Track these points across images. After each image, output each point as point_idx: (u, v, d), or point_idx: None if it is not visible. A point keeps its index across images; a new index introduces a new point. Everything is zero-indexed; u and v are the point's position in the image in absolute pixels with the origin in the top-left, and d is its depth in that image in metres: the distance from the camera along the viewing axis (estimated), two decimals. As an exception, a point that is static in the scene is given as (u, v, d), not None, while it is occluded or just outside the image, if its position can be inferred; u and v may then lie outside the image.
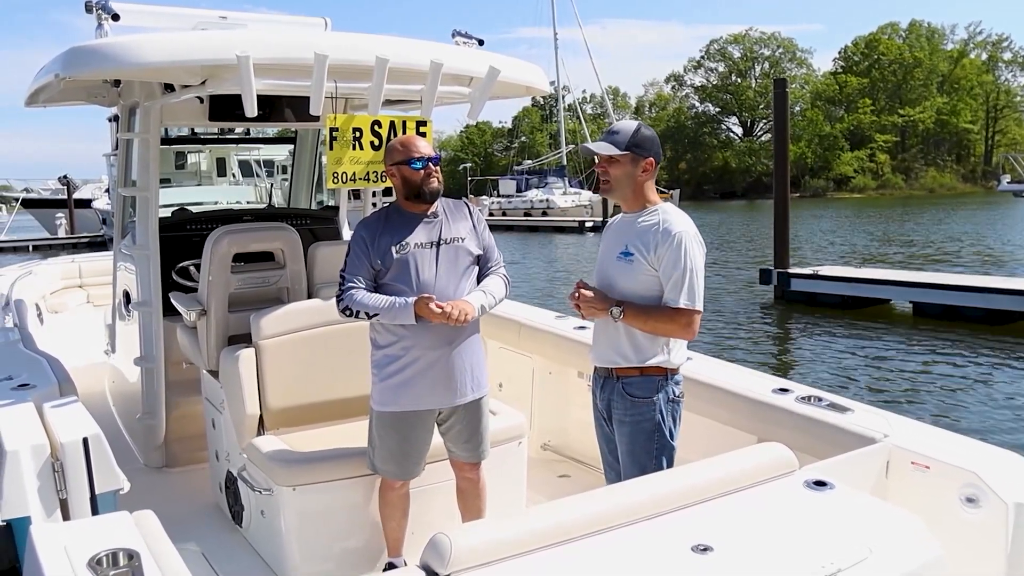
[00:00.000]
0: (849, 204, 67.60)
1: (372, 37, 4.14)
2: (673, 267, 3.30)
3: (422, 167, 3.57)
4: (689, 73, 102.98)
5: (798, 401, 3.99)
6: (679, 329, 3.33)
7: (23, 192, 48.36)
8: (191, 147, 30.76)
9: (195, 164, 33.80)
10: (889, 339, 13.01)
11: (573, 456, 5.47)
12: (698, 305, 3.33)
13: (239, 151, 33.81)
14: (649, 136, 3.41)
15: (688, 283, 3.30)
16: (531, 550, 2.49)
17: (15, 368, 4.24)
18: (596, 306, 3.38)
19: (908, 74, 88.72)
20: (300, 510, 3.82)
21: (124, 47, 3.74)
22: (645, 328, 3.34)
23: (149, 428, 5.23)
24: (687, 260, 3.30)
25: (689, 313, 3.30)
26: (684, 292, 3.29)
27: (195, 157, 33.72)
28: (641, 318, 3.33)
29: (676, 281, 3.30)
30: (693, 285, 3.31)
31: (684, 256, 3.30)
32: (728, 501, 2.86)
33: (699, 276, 3.34)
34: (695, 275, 3.32)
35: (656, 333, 3.34)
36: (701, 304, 3.35)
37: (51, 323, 7.67)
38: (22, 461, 3.19)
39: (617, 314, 3.32)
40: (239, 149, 33.40)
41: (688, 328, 3.33)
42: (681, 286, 3.30)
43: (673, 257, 3.30)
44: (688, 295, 3.30)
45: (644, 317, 3.33)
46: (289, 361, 4.18)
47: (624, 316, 3.32)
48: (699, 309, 3.34)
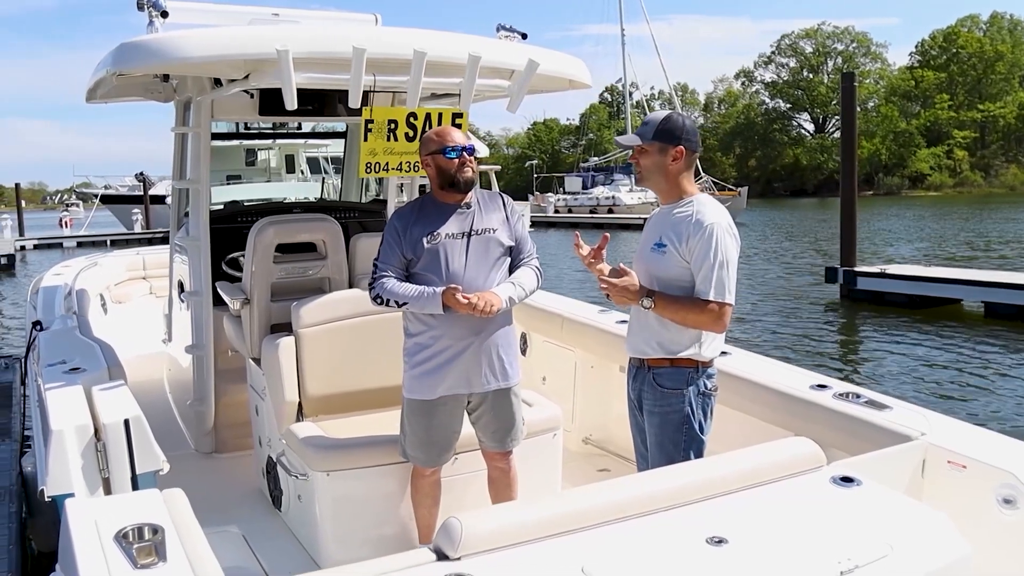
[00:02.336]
0: (925, 202, 65.82)
1: (411, 31, 4.19)
2: (704, 258, 3.27)
3: (456, 156, 3.60)
4: (759, 69, 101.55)
5: (835, 398, 3.92)
6: (709, 321, 3.29)
7: (103, 189, 49.86)
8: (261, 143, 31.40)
9: (265, 160, 34.48)
10: (958, 340, 12.63)
11: (614, 451, 5.46)
12: (728, 298, 3.28)
13: (307, 148, 34.43)
14: (678, 125, 3.37)
15: (718, 276, 3.26)
16: (543, 536, 2.51)
17: (69, 353, 4.41)
18: (626, 294, 3.34)
19: (989, 68, 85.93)
20: (334, 495, 3.89)
21: (168, 42, 3.85)
22: (676, 319, 3.30)
23: (199, 414, 5.37)
24: (718, 252, 3.25)
25: (719, 306, 3.26)
26: (714, 284, 3.26)
27: (265, 154, 34.42)
28: (672, 308, 3.29)
29: (706, 273, 3.27)
30: (723, 278, 3.27)
31: (715, 248, 3.26)
32: (750, 494, 2.84)
33: (730, 269, 3.29)
34: (726, 268, 3.27)
35: (687, 324, 3.31)
36: (732, 297, 3.31)
37: (115, 313, 7.92)
38: (67, 440, 3.33)
39: (648, 304, 3.30)
40: (307, 146, 34.00)
41: (718, 321, 3.28)
42: (711, 278, 3.26)
43: (704, 248, 3.26)
44: (718, 288, 3.26)
45: (675, 308, 3.29)
46: (328, 350, 4.26)
47: (655, 306, 3.30)
48: (729, 302, 3.29)
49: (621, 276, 3.36)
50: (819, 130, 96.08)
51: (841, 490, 2.87)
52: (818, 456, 3.06)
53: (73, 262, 8.62)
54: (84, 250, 35.56)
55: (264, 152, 34.17)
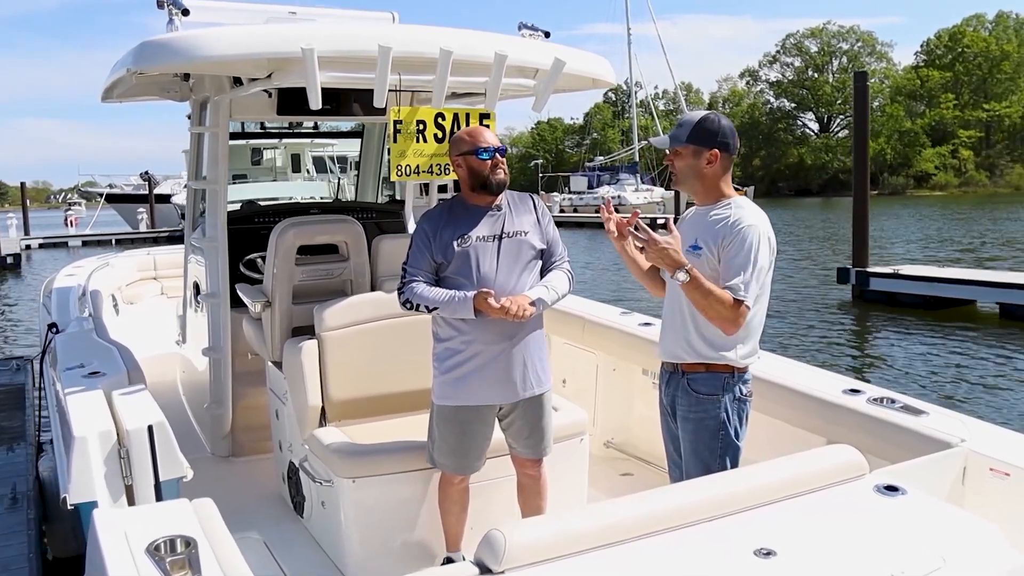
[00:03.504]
0: (930, 202, 65.60)
1: (436, 29, 4.13)
2: (735, 255, 3.15)
3: (489, 158, 3.52)
4: (764, 68, 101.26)
5: (870, 403, 3.85)
6: (727, 318, 3.12)
7: (107, 188, 49.85)
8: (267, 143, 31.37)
9: (271, 160, 34.47)
10: (973, 342, 12.53)
11: (636, 454, 5.39)
12: (748, 299, 3.13)
13: (313, 147, 34.40)
14: (714, 126, 3.28)
15: (746, 274, 3.13)
16: (587, 549, 2.44)
17: (87, 356, 4.34)
18: (665, 256, 3.11)
19: (994, 67, 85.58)
20: (359, 502, 3.82)
21: (191, 41, 3.79)
22: (700, 304, 3.13)
23: (216, 417, 5.30)
24: (752, 254, 3.15)
25: (744, 313, 3.14)
26: (741, 281, 3.12)
27: (271, 153, 34.40)
28: (702, 291, 3.11)
29: (736, 270, 3.14)
30: (750, 278, 3.14)
31: (750, 249, 3.15)
32: (794, 504, 2.76)
33: (759, 273, 3.17)
34: (756, 270, 3.15)
35: (706, 314, 3.15)
36: (752, 300, 3.16)
37: (126, 314, 7.86)
38: (89, 447, 3.26)
39: (683, 277, 3.09)
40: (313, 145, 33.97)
41: (735, 320, 3.13)
42: (740, 276, 3.13)
43: (737, 247, 3.16)
44: (745, 285, 3.12)
45: (705, 291, 3.10)
46: (351, 353, 4.19)
47: (689, 281, 3.10)
48: (748, 304, 3.14)
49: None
50: (824, 130, 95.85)
51: (886, 499, 2.79)
52: (861, 464, 2.98)
53: (85, 262, 8.57)
54: (89, 249, 35.56)
55: (270, 151, 34.17)
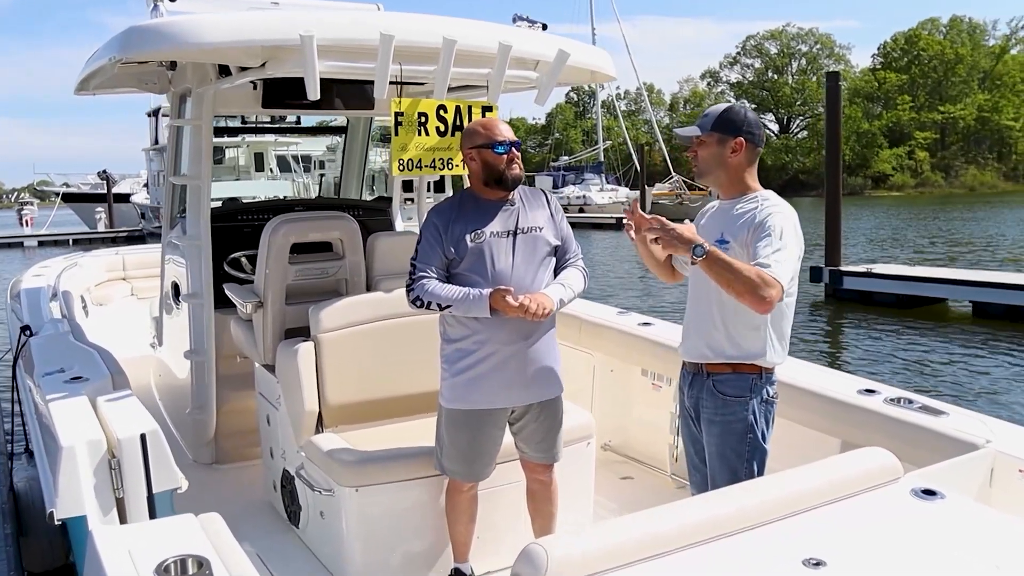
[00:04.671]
0: (887, 202, 66.58)
1: (438, 18, 3.97)
2: (766, 242, 2.98)
3: (505, 152, 3.37)
4: (725, 69, 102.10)
5: (887, 403, 3.76)
6: (756, 295, 2.87)
7: (63, 187, 48.82)
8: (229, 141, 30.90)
9: (233, 159, 34.00)
10: (950, 340, 12.61)
11: (635, 457, 5.27)
12: (784, 280, 2.93)
13: (277, 146, 33.99)
14: (739, 116, 3.17)
15: (779, 254, 2.95)
16: (633, 562, 2.29)
17: (66, 360, 4.11)
18: (680, 240, 2.97)
19: (949, 70, 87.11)
20: (363, 512, 3.65)
21: (184, 27, 3.60)
22: (722, 279, 2.93)
23: (199, 423, 5.09)
24: (783, 239, 2.99)
25: (775, 285, 2.89)
26: (774, 260, 2.93)
27: (233, 152, 33.91)
28: (721, 265, 2.91)
29: (766, 250, 2.96)
30: (783, 259, 2.96)
31: (780, 235, 2.99)
32: (834, 510, 2.65)
33: (791, 260, 3.01)
34: (787, 252, 2.99)
35: (732, 289, 2.93)
36: (787, 283, 2.96)
37: (96, 315, 7.58)
38: (78, 458, 3.04)
39: (701, 252, 2.92)
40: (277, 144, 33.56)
41: (765, 300, 2.88)
42: (771, 254, 2.94)
43: (767, 234, 3.00)
44: (776, 265, 2.93)
45: (725, 266, 2.91)
46: (349, 356, 4.01)
47: (706, 258, 2.93)
48: (783, 282, 2.93)
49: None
50: (783, 130, 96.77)
51: (924, 504, 2.69)
52: (895, 468, 2.87)
53: (52, 262, 8.28)
54: (46, 249, 34.83)
55: (232, 150, 33.69)
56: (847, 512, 2.65)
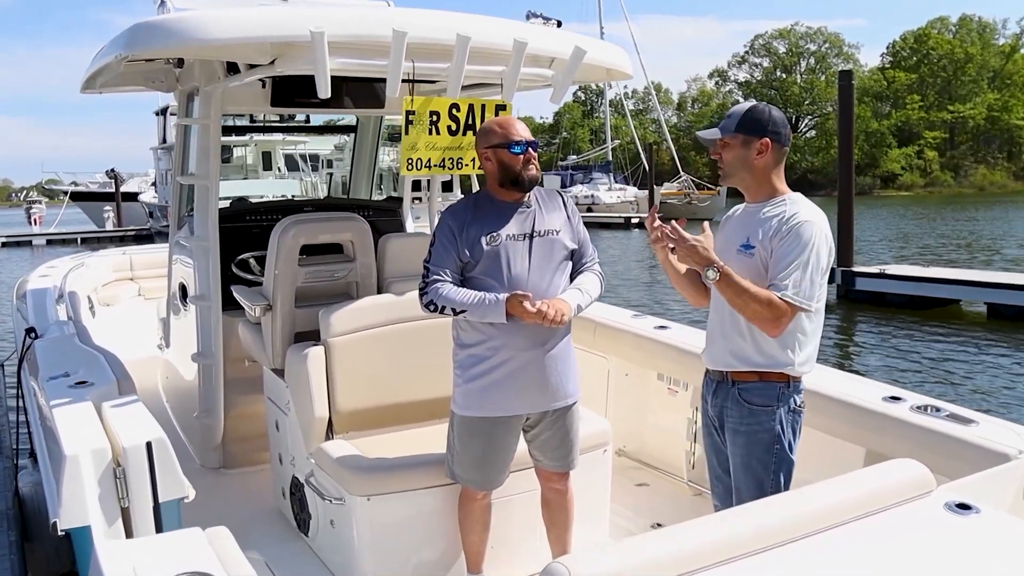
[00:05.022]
0: (896, 202, 66.29)
1: (452, 14, 3.87)
2: (788, 252, 2.91)
3: (522, 152, 3.27)
4: (733, 68, 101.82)
5: (914, 411, 3.65)
6: (769, 318, 2.86)
7: (71, 186, 48.88)
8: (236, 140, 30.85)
9: (241, 158, 33.97)
10: (964, 342, 12.46)
11: (650, 463, 5.17)
12: (804, 302, 2.88)
13: (285, 145, 33.95)
14: (764, 115, 3.06)
15: (799, 273, 2.88)
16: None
17: (71, 364, 4.02)
18: (694, 254, 2.93)
19: (958, 69, 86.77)
20: (374, 521, 3.56)
21: (191, 23, 3.50)
22: (735, 302, 2.90)
23: (206, 427, 5.00)
24: (808, 252, 2.90)
25: (787, 305, 2.86)
26: (791, 281, 2.87)
27: (241, 151, 33.89)
28: (735, 288, 2.88)
29: (786, 267, 2.89)
30: (803, 278, 2.89)
31: (806, 247, 2.90)
32: (866, 525, 2.54)
33: (815, 274, 2.93)
34: (813, 270, 2.91)
35: (743, 313, 2.91)
36: (809, 303, 2.91)
37: (103, 316, 7.51)
38: (82, 466, 2.95)
39: (712, 275, 2.89)
40: (285, 143, 33.51)
41: (777, 321, 2.87)
42: (790, 273, 2.88)
43: (792, 243, 2.91)
44: (795, 286, 2.87)
45: (739, 289, 2.88)
46: (361, 360, 3.91)
47: (719, 279, 2.89)
48: (799, 305, 2.88)
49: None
50: (792, 130, 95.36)
51: (959, 519, 2.58)
52: (928, 480, 2.76)
53: (58, 262, 8.20)
54: (55, 248, 34.85)
55: (240, 149, 33.66)
56: (879, 527, 2.54)
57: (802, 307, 2.90)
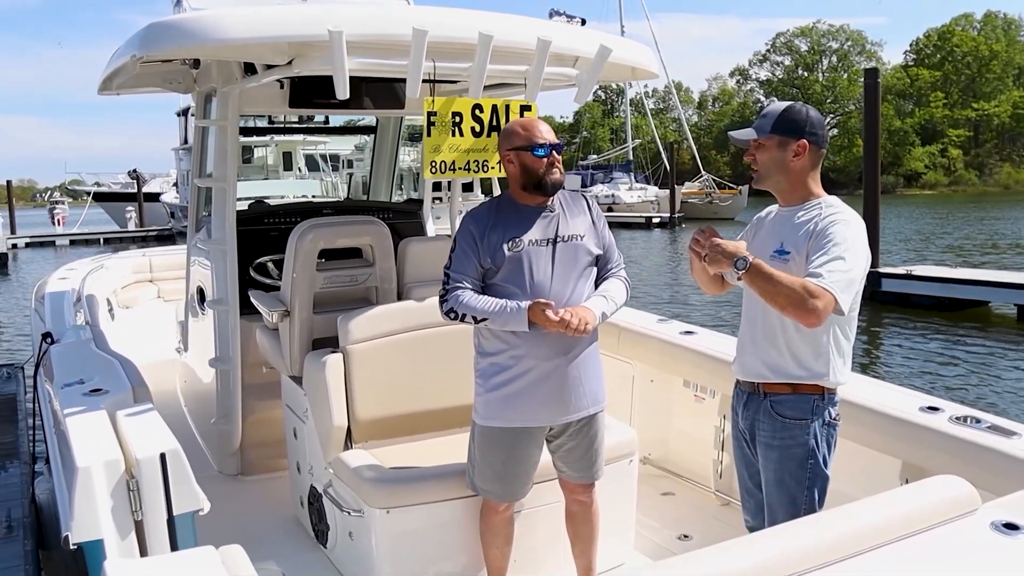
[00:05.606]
0: (920, 201, 65.65)
1: (473, 12, 3.76)
2: (825, 248, 2.76)
3: (545, 155, 3.16)
4: (754, 67, 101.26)
5: (952, 422, 3.51)
6: (802, 309, 2.66)
7: (94, 186, 49.24)
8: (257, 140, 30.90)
9: (262, 158, 34.06)
10: (994, 344, 12.24)
11: (676, 471, 5.05)
12: (840, 293, 2.69)
13: (305, 146, 33.97)
14: (801, 116, 2.93)
15: (838, 264, 2.72)
16: None
17: (87, 370, 3.95)
18: (726, 255, 2.79)
19: (983, 67, 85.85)
20: (394, 534, 3.46)
21: (206, 22, 3.41)
22: (768, 291, 2.73)
23: (224, 434, 4.93)
24: (846, 249, 2.75)
25: (824, 296, 2.66)
26: (826, 270, 2.70)
27: (262, 151, 33.97)
28: (765, 275, 2.73)
29: (824, 258, 2.73)
30: (840, 269, 2.72)
31: (842, 243, 2.76)
32: (909, 546, 2.41)
33: (852, 271, 2.76)
34: (852, 268, 2.75)
35: (775, 302, 2.73)
36: (846, 299, 2.72)
37: (122, 318, 7.47)
38: (95, 479, 2.87)
39: (743, 264, 2.75)
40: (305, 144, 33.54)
41: (812, 312, 2.65)
42: (828, 263, 2.72)
43: (829, 240, 2.77)
44: (831, 275, 2.70)
45: (769, 276, 2.73)
46: (380, 368, 3.82)
47: (748, 271, 2.75)
48: (836, 295, 2.68)
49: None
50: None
51: (1006, 539, 2.45)
52: (973, 498, 2.63)
53: (77, 264, 8.18)
54: (77, 248, 35.09)
55: (260, 149, 33.74)
56: (922, 548, 2.42)
57: (837, 297, 2.70)
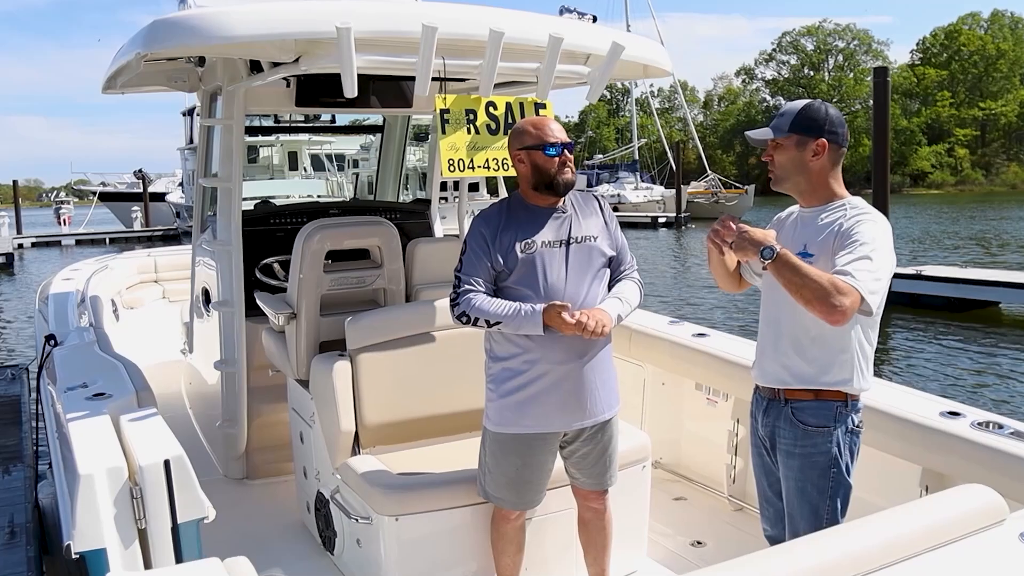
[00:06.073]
0: (926, 200, 65.41)
1: (483, 8, 3.68)
2: (852, 247, 2.67)
3: (557, 154, 3.09)
4: (760, 66, 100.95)
5: (974, 428, 3.42)
6: (827, 303, 2.56)
7: (100, 186, 49.28)
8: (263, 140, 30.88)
9: (267, 158, 34.07)
10: (1008, 346, 12.12)
11: (687, 475, 4.97)
12: (869, 293, 2.60)
13: (311, 145, 33.95)
14: (820, 114, 2.84)
15: (865, 263, 2.63)
16: None
17: (90, 374, 3.88)
18: (753, 243, 2.71)
19: (990, 66, 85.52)
20: (403, 541, 3.39)
21: (211, 19, 3.34)
22: (790, 285, 2.63)
23: (229, 437, 4.86)
24: (873, 248, 2.67)
25: (851, 294, 2.57)
26: (853, 268, 2.62)
27: (267, 151, 33.97)
28: (792, 267, 2.63)
29: (852, 259, 2.64)
30: (868, 273, 2.63)
31: (870, 243, 2.67)
32: (937, 558, 2.33)
33: (882, 271, 2.67)
34: (879, 267, 2.66)
35: (800, 295, 2.62)
36: (875, 299, 2.63)
37: (127, 319, 7.41)
38: (97, 486, 2.79)
39: (770, 253, 2.65)
40: (311, 143, 33.51)
41: (837, 309, 2.55)
42: (855, 261, 2.63)
43: (856, 239, 2.68)
44: (859, 272, 2.61)
45: (796, 268, 2.62)
46: (388, 372, 3.75)
47: (775, 260, 2.65)
48: (863, 292, 2.59)
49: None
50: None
51: None
52: (1000, 508, 2.55)
53: (82, 265, 8.11)
54: (83, 248, 35.10)
55: (266, 149, 33.75)
56: (950, 561, 2.34)
57: (864, 296, 2.61)
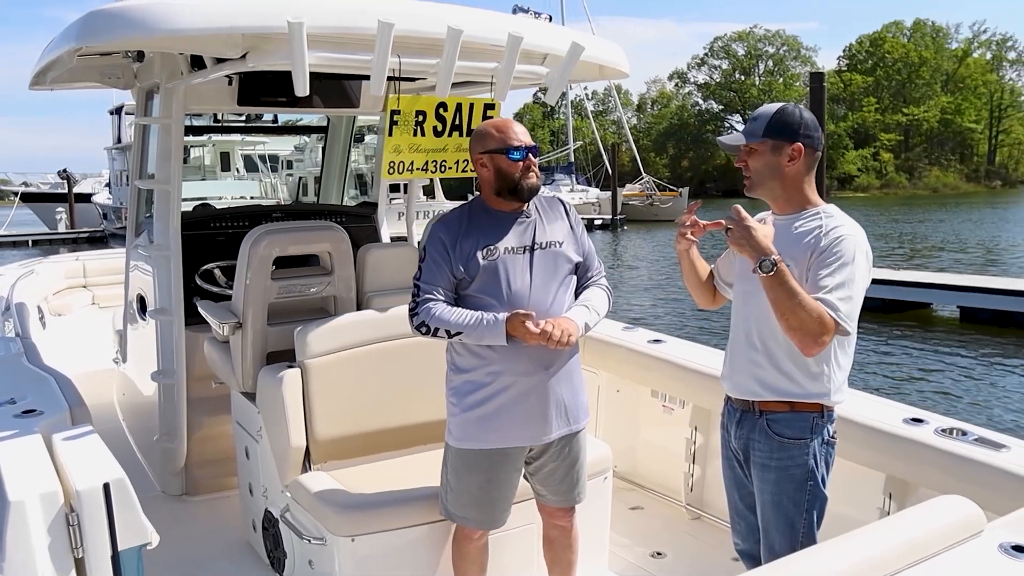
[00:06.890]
0: (853, 203, 66.94)
1: (442, 5, 3.55)
2: (830, 271, 2.60)
3: (521, 159, 2.95)
4: (692, 70, 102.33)
5: (939, 435, 3.40)
6: (812, 332, 2.53)
7: (21, 186, 47.67)
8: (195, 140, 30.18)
9: (199, 158, 33.31)
10: (939, 346, 12.41)
11: (644, 484, 4.89)
12: (847, 323, 2.57)
13: (243, 146, 33.31)
14: (795, 118, 2.76)
15: (845, 291, 2.58)
16: None
17: (18, 388, 3.62)
18: (752, 241, 2.61)
19: (913, 73, 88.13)
20: (359, 562, 3.22)
21: (154, 11, 3.13)
22: (783, 305, 2.55)
23: (168, 452, 4.62)
24: (852, 269, 2.61)
25: (832, 331, 2.55)
26: (836, 298, 2.56)
27: (199, 151, 33.22)
28: (787, 289, 2.54)
29: (833, 285, 2.58)
30: (848, 298, 2.59)
31: (847, 264, 2.61)
32: (917, 574, 2.27)
33: (859, 293, 2.63)
34: (853, 290, 2.61)
35: (786, 320, 2.55)
36: (851, 325, 2.60)
37: (54, 326, 7.06)
38: (29, 514, 2.57)
39: (768, 267, 2.55)
40: (243, 144, 32.88)
41: (819, 340, 2.54)
42: (837, 290, 2.57)
43: (832, 261, 2.61)
44: (842, 303, 2.56)
45: (792, 292, 2.54)
46: (341, 383, 3.58)
47: (773, 274, 2.55)
48: (844, 328, 2.58)
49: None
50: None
51: (1017, 563, 2.31)
52: (977, 519, 2.50)
53: (6, 270, 7.72)
54: (4, 251, 33.87)
55: (197, 149, 33.00)
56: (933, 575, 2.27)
57: (844, 329, 2.59)
